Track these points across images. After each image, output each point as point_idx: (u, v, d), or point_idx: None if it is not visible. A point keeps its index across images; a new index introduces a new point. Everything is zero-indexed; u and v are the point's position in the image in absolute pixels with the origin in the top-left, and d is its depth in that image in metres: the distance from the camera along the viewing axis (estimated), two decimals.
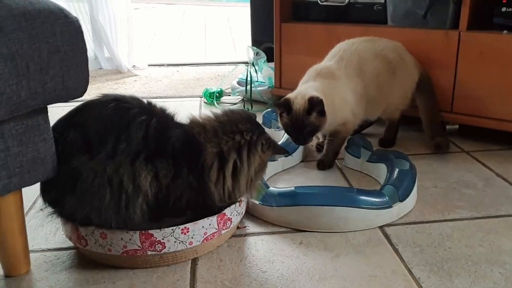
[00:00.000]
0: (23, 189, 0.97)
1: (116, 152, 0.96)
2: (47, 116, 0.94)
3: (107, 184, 0.96)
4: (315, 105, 1.39)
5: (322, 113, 1.41)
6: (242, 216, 1.17)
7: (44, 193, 1.02)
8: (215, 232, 1.06)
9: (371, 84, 1.59)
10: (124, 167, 0.96)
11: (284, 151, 1.25)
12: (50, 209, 1.02)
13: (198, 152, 1.04)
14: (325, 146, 1.59)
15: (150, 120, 1.00)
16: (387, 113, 1.70)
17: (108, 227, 0.99)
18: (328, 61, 1.63)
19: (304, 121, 1.41)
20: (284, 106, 1.44)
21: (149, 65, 3.22)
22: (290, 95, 1.46)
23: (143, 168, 0.97)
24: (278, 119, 1.51)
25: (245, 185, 1.09)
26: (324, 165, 1.56)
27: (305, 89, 1.48)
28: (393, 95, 1.66)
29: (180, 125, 1.08)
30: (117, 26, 2.96)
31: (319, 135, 1.70)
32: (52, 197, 1.02)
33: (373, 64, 1.61)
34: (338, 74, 1.55)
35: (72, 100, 0.96)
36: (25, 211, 1.04)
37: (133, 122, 0.98)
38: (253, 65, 2.46)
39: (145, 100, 1.06)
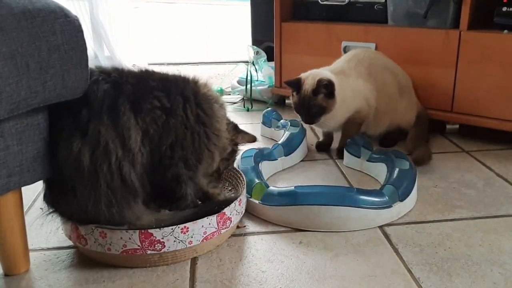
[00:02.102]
0: (23, 188, 0.97)
1: (79, 122, 0.94)
2: (47, 115, 0.94)
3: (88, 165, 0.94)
4: (322, 86, 1.43)
5: (330, 95, 1.45)
6: (241, 216, 1.17)
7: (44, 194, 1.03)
8: (215, 232, 1.06)
9: (379, 92, 1.61)
10: (106, 132, 0.94)
11: (251, 136, 1.27)
12: (50, 209, 1.03)
13: (193, 82, 1.06)
14: (341, 134, 1.62)
15: (108, 74, 0.99)
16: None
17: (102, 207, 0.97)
18: (338, 63, 1.67)
19: (310, 102, 1.45)
20: (294, 84, 1.49)
21: (149, 64, 3.21)
22: (303, 74, 1.51)
23: (131, 125, 0.96)
24: (291, 98, 1.55)
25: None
26: (342, 153, 1.58)
27: (319, 71, 1.52)
28: (398, 113, 1.67)
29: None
30: (117, 25, 2.96)
31: (324, 129, 1.68)
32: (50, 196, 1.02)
33: (383, 74, 1.64)
34: (349, 72, 1.59)
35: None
36: (24, 210, 1.03)
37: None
38: (253, 64, 2.46)
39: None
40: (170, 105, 1.00)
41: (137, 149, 0.97)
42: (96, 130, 0.94)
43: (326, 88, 1.44)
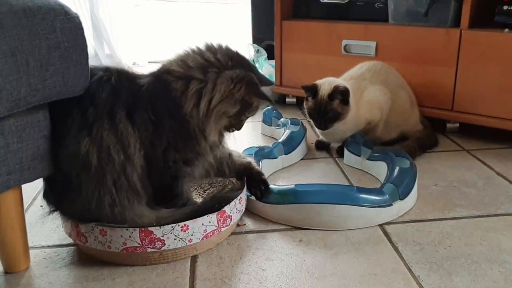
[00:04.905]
0: (23, 186, 0.97)
1: (86, 120, 0.95)
2: (47, 113, 0.94)
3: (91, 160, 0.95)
4: (338, 92, 1.48)
5: (345, 102, 1.49)
6: (242, 214, 1.17)
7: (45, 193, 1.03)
8: (215, 230, 1.06)
9: (392, 102, 1.62)
10: (107, 136, 0.96)
11: (266, 98, 1.07)
12: (50, 207, 1.03)
13: (169, 91, 1.02)
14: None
15: (110, 75, 1.00)
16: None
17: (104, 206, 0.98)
18: (353, 72, 1.68)
19: (327, 107, 1.49)
20: (311, 90, 1.53)
21: (150, 62, 3.21)
22: (318, 81, 1.55)
23: (129, 133, 0.97)
24: (304, 103, 1.58)
25: (204, 109, 1.00)
26: (343, 152, 1.59)
27: (334, 78, 1.57)
28: (409, 124, 1.68)
29: (147, 74, 1.08)
30: (118, 23, 2.96)
31: (326, 138, 1.67)
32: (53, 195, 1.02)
33: (396, 88, 1.66)
34: (364, 83, 1.61)
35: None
36: (25, 208, 1.03)
37: (91, 81, 0.97)
38: (254, 63, 2.45)
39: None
40: (154, 117, 1.01)
41: (136, 155, 0.99)
42: (99, 132, 0.96)
43: (342, 94, 1.48)
